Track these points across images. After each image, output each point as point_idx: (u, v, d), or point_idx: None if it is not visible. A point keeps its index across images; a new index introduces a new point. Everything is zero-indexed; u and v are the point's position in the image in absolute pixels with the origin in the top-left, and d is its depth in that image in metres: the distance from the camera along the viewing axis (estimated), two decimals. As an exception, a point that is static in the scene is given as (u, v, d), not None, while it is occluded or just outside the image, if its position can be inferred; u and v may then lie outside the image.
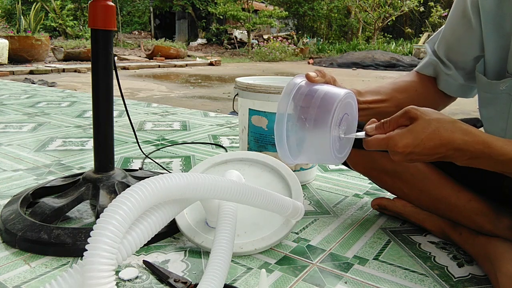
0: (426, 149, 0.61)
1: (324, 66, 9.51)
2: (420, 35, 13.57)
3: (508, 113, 0.74)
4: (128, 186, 0.91)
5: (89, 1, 0.84)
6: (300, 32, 15.95)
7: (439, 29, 0.89)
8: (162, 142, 1.61)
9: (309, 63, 10.53)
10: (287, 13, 13.66)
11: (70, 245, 0.75)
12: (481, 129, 0.69)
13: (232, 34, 14.68)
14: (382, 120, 0.66)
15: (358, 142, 0.88)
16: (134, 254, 0.75)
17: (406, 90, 0.89)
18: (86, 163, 1.31)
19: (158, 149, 1.49)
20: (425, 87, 0.89)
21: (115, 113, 0.94)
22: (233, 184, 0.65)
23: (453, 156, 0.62)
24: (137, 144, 1.21)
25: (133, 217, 0.50)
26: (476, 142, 0.60)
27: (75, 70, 6.18)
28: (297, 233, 0.87)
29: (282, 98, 0.67)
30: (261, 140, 1.12)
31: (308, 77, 0.71)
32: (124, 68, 7.02)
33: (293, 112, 0.66)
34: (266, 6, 15.14)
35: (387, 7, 12.92)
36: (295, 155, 0.68)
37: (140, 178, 1.00)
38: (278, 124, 0.66)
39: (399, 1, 12.82)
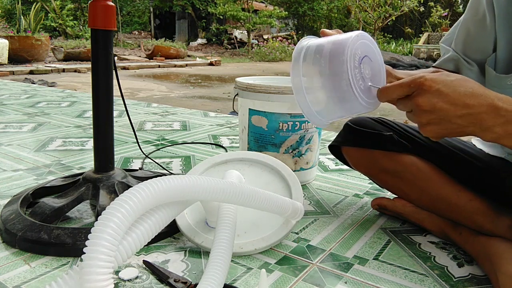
0: (456, 93, 0.54)
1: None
2: (420, 35, 13.56)
3: None
4: (128, 186, 0.91)
5: (89, 1, 0.84)
6: (300, 32, 15.95)
7: (450, 30, 0.88)
8: (162, 142, 1.61)
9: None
10: (287, 13, 13.66)
11: (70, 245, 0.75)
12: None
13: (232, 34, 14.67)
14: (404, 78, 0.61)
15: (359, 139, 0.87)
16: (134, 254, 0.75)
17: None
18: (86, 163, 1.31)
19: (158, 149, 1.49)
20: None
21: (115, 113, 0.94)
22: (232, 186, 0.65)
23: (486, 116, 0.54)
24: (137, 144, 1.21)
25: (131, 219, 0.50)
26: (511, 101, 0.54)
27: (75, 70, 6.18)
28: (297, 233, 0.87)
29: (293, 64, 0.65)
30: (261, 140, 1.12)
31: (322, 32, 0.70)
32: (124, 68, 7.02)
33: (307, 68, 0.64)
34: (266, 6, 15.14)
35: (387, 7, 12.91)
36: (324, 115, 0.66)
37: (140, 178, 1.00)
38: (296, 87, 0.64)
39: (399, 1, 12.81)
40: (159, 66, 7.84)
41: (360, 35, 0.63)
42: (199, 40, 15.31)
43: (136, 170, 1.13)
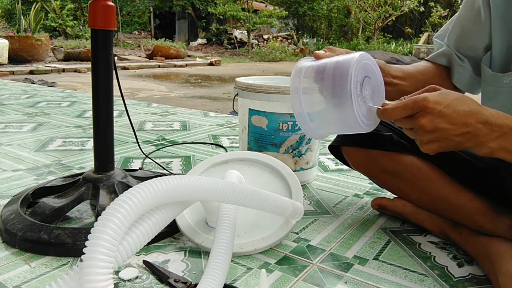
0: (456, 113, 0.57)
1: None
2: (420, 35, 13.57)
3: (510, 107, 0.74)
4: (128, 186, 0.91)
5: (89, 1, 0.84)
6: (300, 32, 15.95)
7: (444, 26, 0.88)
8: (162, 142, 1.61)
9: (309, 63, 10.50)
10: (287, 13, 13.66)
11: (70, 245, 0.75)
12: None
13: (232, 34, 14.67)
14: (402, 97, 0.64)
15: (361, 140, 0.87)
16: (134, 254, 0.75)
17: (426, 73, 0.88)
18: (86, 163, 1.31)
19: (158, 149, 1.49)
20: (440, 74, 0.88)
21: (115, 113, 0.94)
22: (231, 186, 0.65)
23: (481, 132, 0.58)
24: (137, 144, 1.21)
25: (131, 219, 0.50)
26: (503, 117, 0.58)
27: (75, 70, 6.18)
28: (297, 233, 0.87)
29: (293, 77, 0.65)
30: (261, 140, 1.12)
31: (316, 55, 0.70)
32: (124, 68, 7.02)
33: (308, 87, 0.64)
34: (266, 6, 15.14)
35: (387, 7, 12.91)
36: (321, 130, 0.66)
37: (140, 178, 1.00)
38: (295, 104, 0.64)
39: (399, 1, 12.81)
40: (159, 66, 7.84)
41: (360, 57, 0.63)
42: (199, 40, 15.30)
43: (136, 170, 1.13)
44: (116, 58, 5.75)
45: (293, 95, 0.65)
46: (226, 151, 1.50)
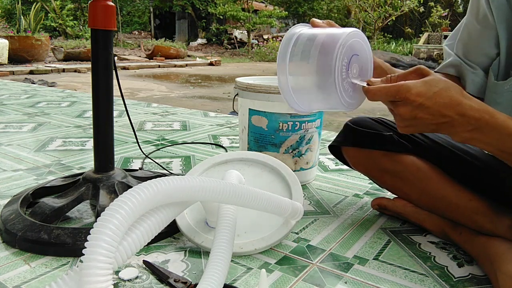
0: (436, 105, 0.58)
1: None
2: (420, 35, 13.56)
3: (511, 111, 0.73)
4: (128, 186, 0.91)
5: (89, 1, 0.84)
6: (300, 32, 15.92)
7: (454, 31, 0.86)
8: (162, 142, 1.61)
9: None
10: (286, 13, 13.67)
11: (70, 245, 0.75)
12: None
13: (232, 34, 14.68)
14: (389, 75, 0.63)
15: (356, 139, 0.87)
16: (135, 254, 0.75)
17: None
18: (86, 163, 1.31)
19: (158, 149, 1.49)
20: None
21: (115, 113, 0.94)
22: (231, 187, 0.65)
23: (457, 123, 0.59)
24: (137, 144, 1.21)
25: (131, 219, 0.50)
26: (482, 111, 0.59)
27: (75, 70, 6.19)
28: (297, 233, 0.87)
29: (282, 46, 0.64)
30: (261, 140, 1.12)
31: (312, 22, 0.69)
32: (124, 68, 7.03)
33: (295, 59, 0.63)
34: (266, 6, 15.14)
35: (387, 7, 12.90)
36: (303, 104, 0.65)
37: (140, 178, 1.00)
38: (280, 74, 0.63)
39: (399, 1, 12.81)
40: (159, 66, 7.85)
41: (352, 33, 0.62)
42: (199, 40, 15.31)
43: (136, 170, 1.13)
44: (116, 58, 5.75)
45: (280, 67, 0.64)
46: (226, 151, 1.50)
